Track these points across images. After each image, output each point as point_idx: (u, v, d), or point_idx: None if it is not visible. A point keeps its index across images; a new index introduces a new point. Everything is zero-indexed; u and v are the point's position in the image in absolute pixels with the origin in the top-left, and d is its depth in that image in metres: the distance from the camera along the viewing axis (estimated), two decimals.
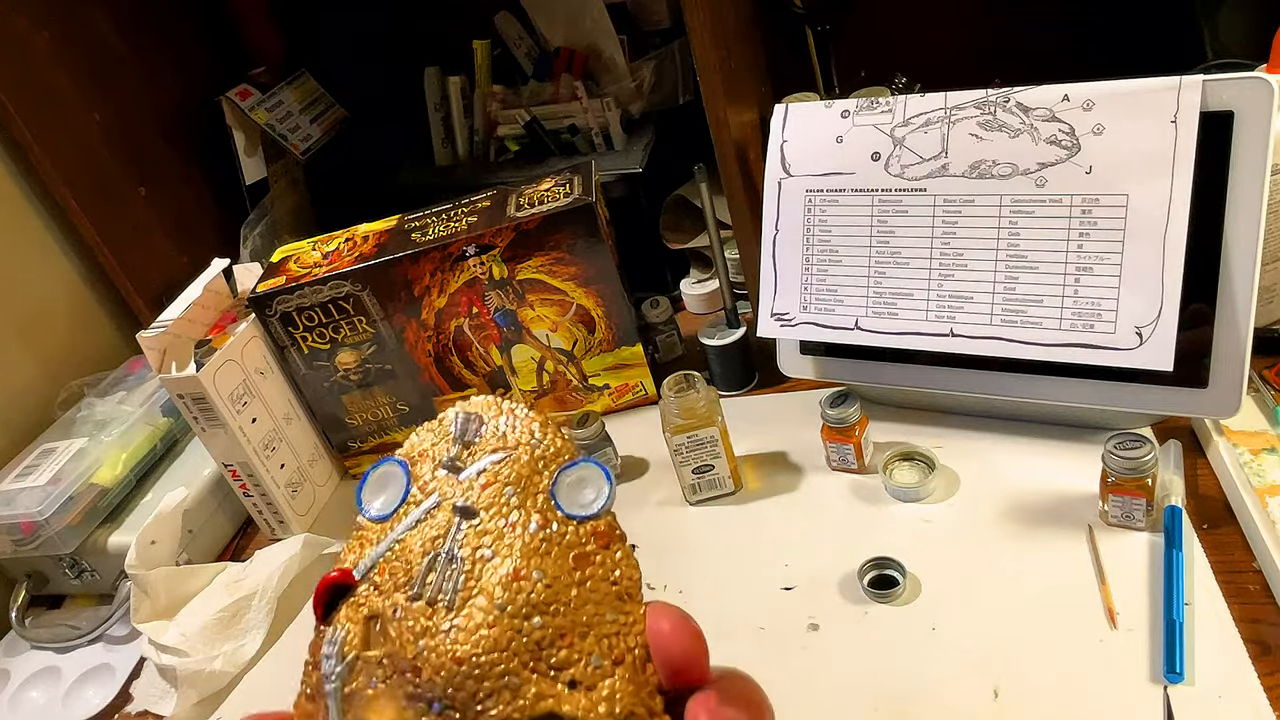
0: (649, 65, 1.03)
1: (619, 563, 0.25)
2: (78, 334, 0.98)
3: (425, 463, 0.27)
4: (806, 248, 0.72)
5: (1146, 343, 0.59)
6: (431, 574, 0.24)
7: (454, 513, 0.25)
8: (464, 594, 0.24)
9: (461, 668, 0.22)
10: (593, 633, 0.23)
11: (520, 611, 0.23)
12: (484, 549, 0.24)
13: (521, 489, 0.26)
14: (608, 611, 0.24)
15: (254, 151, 1.06)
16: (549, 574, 0.24)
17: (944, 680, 0.55)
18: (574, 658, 0.23)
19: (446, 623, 0.23)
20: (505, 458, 0.26)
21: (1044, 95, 0.61)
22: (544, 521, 0.25)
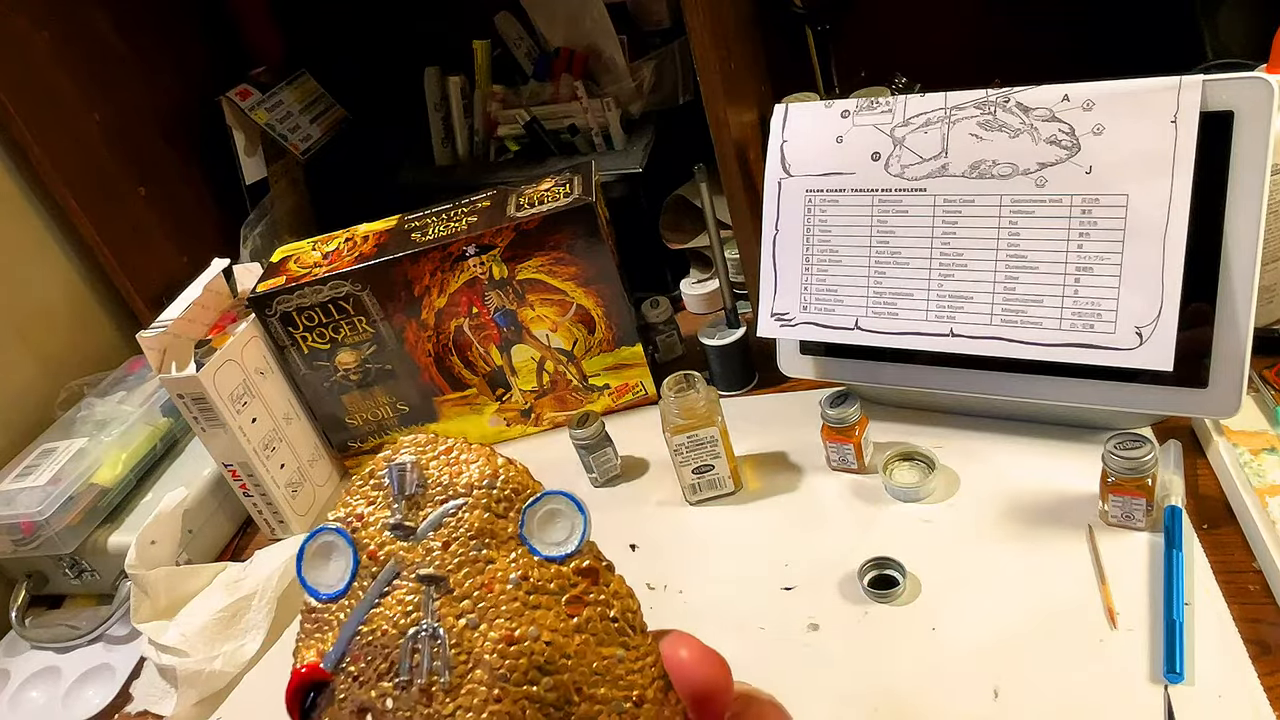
0: (649, 65, 1.03)
1: (612, 595, 0.23)
2: (78, 334, 0.98)
3: (369, 529, 0.24)
4: (806, 248, 0.72)
5: (1146, 343, 0.59)
6: (416, 654, 0.22)
7: (420, 583, 0.23)
8: (458, 670, 0.22)
9: None
10: (607, 678, 0.22)
11: (526, 678, 0.22)
12: (466, 616, 0.23)
13: (488, 540, 0.23)
14: (616, 650, 0.22)
15: (254, 151, 1.06)
16: (545, 628, 0.22)
17: (944, 680, 0.55)
18: (595, 710, 0.22)
19: (449, 707, 0.22)
20: (459, 506, 0.24)
21: (1044, 95, 0.61)
22: (523, 572, 0.23)
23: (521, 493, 0.24)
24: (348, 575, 0.24)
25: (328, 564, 0.24)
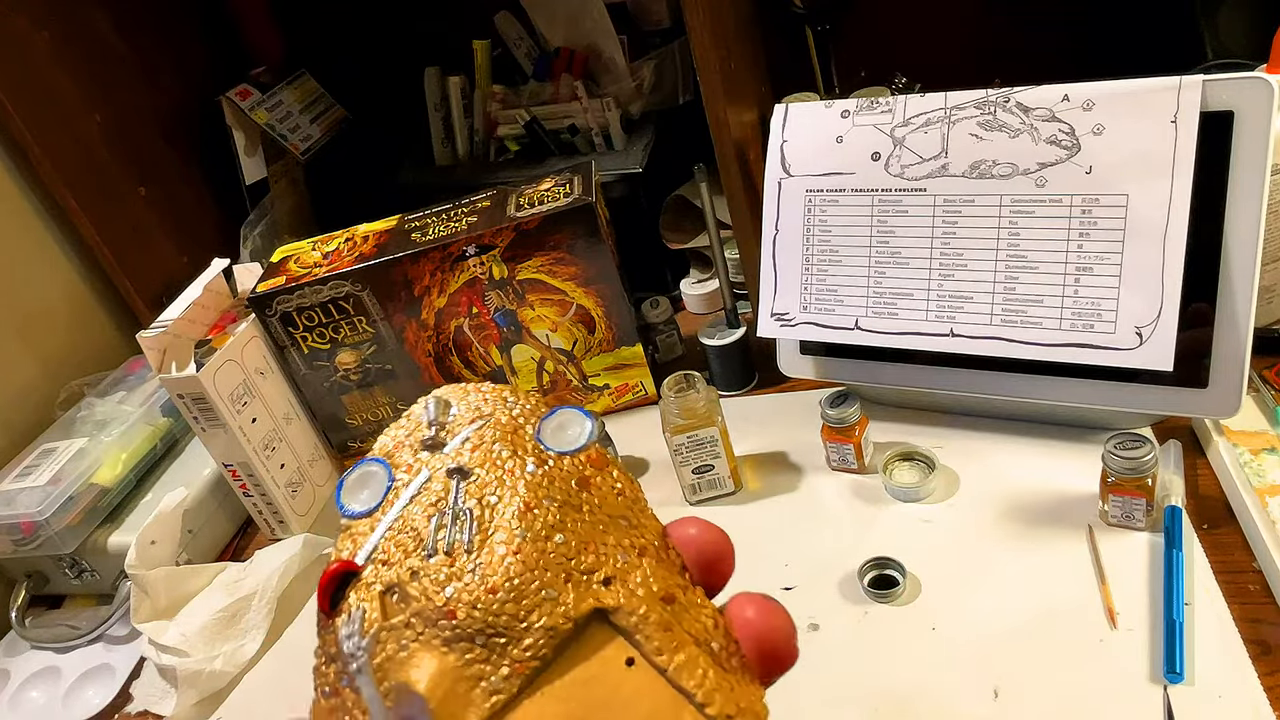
0: (649, 65, 1.03)
1: (618, 479, 0.26)
2: (78, 334, 0.98)
3: (402, 452, 0.27)
4: (806, 248, 0.72)
5: (1146, 343, 0.59)
6: (442, 530, 0.24)
7: (448, 476, 0.26)
8: (480, 537, 0.24)
9: (497, 595, 0.23)
10: (611, 536, 0.24)
11: (540, 534, 0.24)
12: (488, 496, 0.25)
13: (509, 443, 0.26)
14: (621, 518, 0.25)
15: (254, 151, 1.06)
16: (558, 499, 0.25)
17: (944, 680, 0.55)
18: (601, 560, 0.24)
19: (470, 564, 0.23)
20: (484, 423, 0.27)
21: (1044, 95, 0.61)
22: (539, 461, 0.26)
23: (538, 410, 0.27)
24: (383, 490, 0.26)
25: (364, 491, 0.27)
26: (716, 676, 0.23)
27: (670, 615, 0.23)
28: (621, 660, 0.23)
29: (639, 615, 0.23)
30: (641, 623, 0.23)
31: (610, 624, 0.23)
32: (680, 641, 0.23)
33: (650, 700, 0.22)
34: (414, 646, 0.23)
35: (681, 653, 0.23)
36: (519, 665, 0.22)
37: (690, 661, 0.22)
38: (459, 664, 0.22)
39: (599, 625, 0.23)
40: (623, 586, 0.23)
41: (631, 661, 0.23)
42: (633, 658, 0.23)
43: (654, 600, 0.23)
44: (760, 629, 0.24)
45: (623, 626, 0.23)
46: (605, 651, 0.23)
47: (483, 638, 0.22)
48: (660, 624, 0.23)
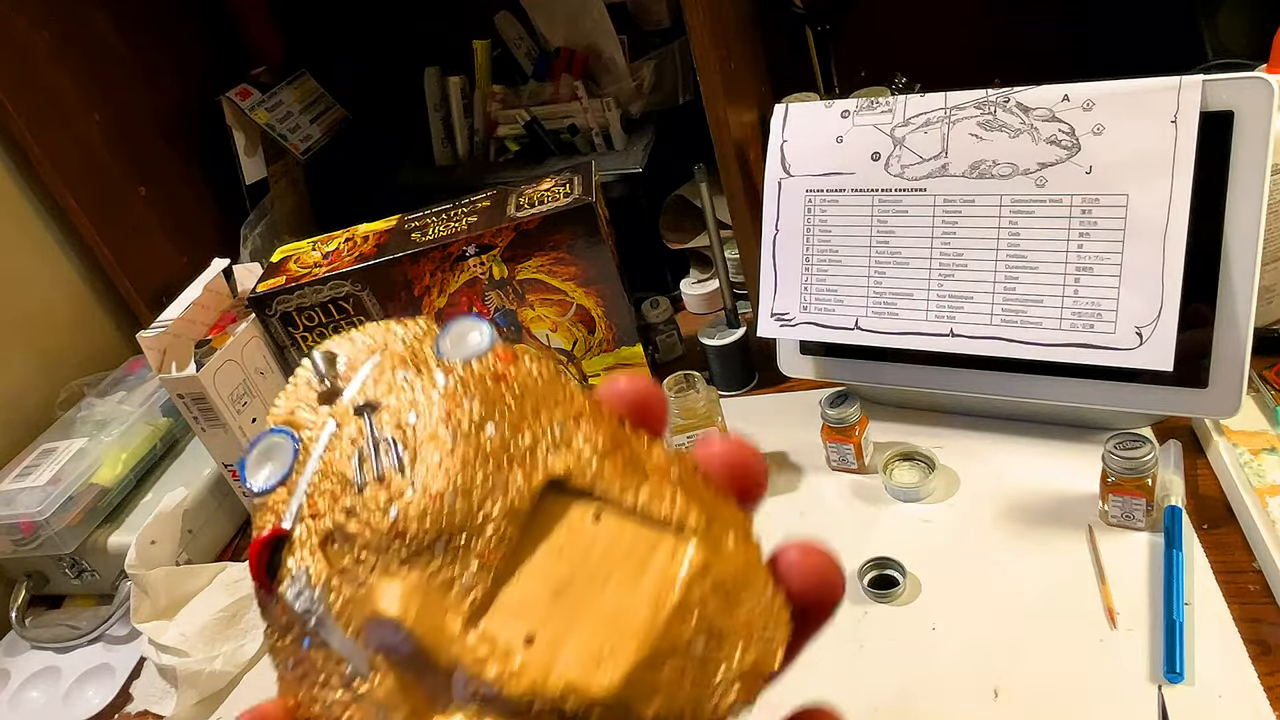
0: (649, 65, 1.03)
1: (532, 363, 0.25)
2: (78, 334, 0.98)
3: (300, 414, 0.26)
4: (806, 248, 0.72)
5: (1146, 343, 0.59)
6: (366, 464, 0.23)
7: (357, 415, 0.24)
8: (409, 455, 0.23)
9: (444, 498, 0.22)
10: (542, 413, 0.24)
11: (469, 432, 0.23)
12: (405, 419, 0.24)
13: (410, 366, 0.25)
14: (542, 395, 0.24)
15: (254, 151, 1.06)
16: (478, 396, 0.24)
17: (944, 680, 0.55)
18: (538, 435, 0.23)
19: (406, 482, 0.22)
20: (379, 357, 0.26)
21: (1044, 95, 0.61)
22: (447, 372, 0.25)
23: (431, 329, 0.26)
24: (290, 455, 0.25)
25: (269, 464, 0.25)
26: (685, 497, 0.22)
27: (623, 460, 0.23)
28: (588, 518, 0.22)
29: (592, 470, 0.22)
30: (597, 476, 0.22)
31: (567, 490, 0.22)
32: (639, 480, 0.22)
33: (627, 541, 0.22)
34: (371, 580, 0.22)
35: (644, 488, 0.22)
36: (487, 556, 0.22)
37: (655, 492, 0.22)
38: (424, 577, 0.21)
39: (556, 495, 0.22)
40: (567, 451, 0.23)
41: (599, 516, 0.22)
42: (598, 512, 0.22)
43: (601, 452, 0.23)
44: (723, 452, 0.24)
45: (579, 487, 0.22)
46: (570, 516, 0.22)
47: (441, 545, 0.22)
48: (615, 471, 0.22)
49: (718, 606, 0.21)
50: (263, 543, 0.23)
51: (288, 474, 0.25)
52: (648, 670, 0.20)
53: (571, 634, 0.21)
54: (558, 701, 0.20)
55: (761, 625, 0.22)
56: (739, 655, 0.21)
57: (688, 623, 0.21)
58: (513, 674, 0.20)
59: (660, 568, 0.21)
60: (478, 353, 0.25)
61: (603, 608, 0.21)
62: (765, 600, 0.22)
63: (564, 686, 0.20)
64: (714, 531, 0.22)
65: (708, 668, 0.21)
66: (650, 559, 0.22)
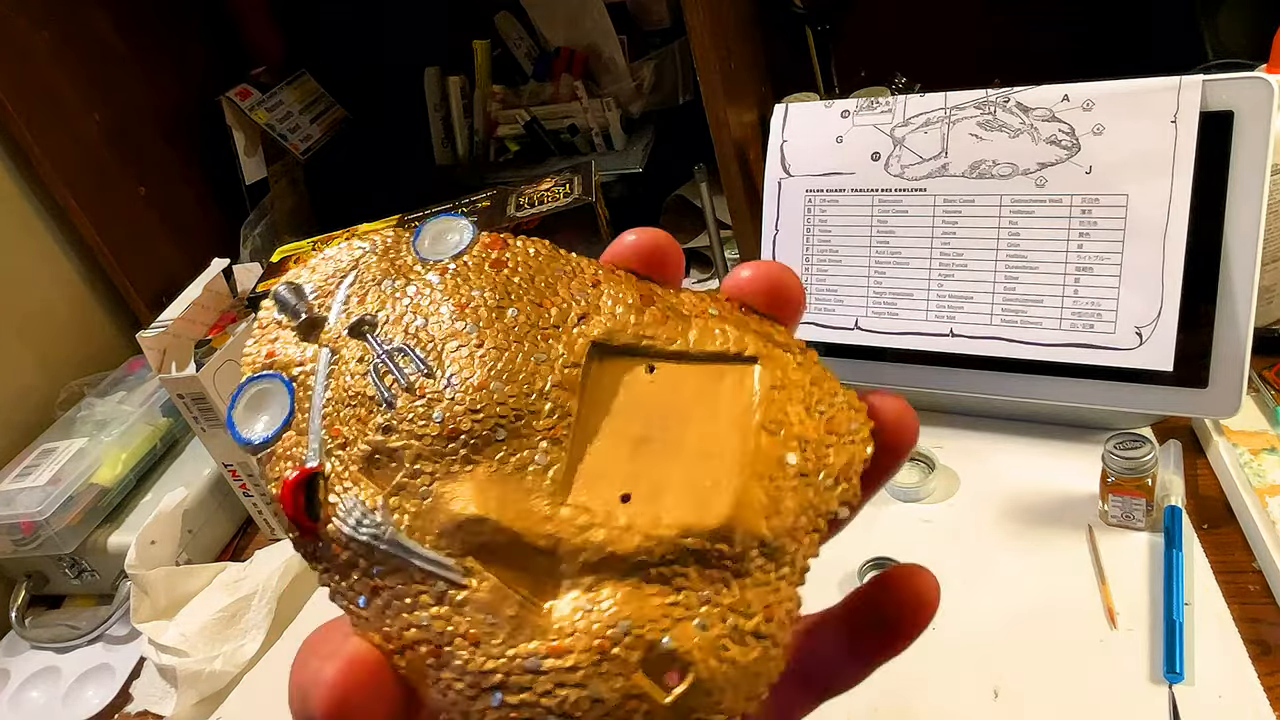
0: (649, 65, 1.03)
1: (525, 245, 0.24)
2: (78, 334, 0.98)
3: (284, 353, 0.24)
4: (806, 248, 0.72)
5: (1146, 343, 0.59)
6: (388, 377, 0.22)
7: (353, 336, 0.23)
8: (432, 355, 0.22)
9: (489, 387, 0.21)
10: (559, 284, 0.23)
11: (493, 318, 0.22)
12: (412, 325, 0.22)
13: (396, 274, 0.24)
14: (553, 271, 0.24)
15: (254, 151, 1.06)
16: (485, 286, 0.23)
17: (944, 680, 0.55)
18: (564, 307, 0.22)
19: (440, 383, 0.21)
20: (356, 273, 0.24)
21: (1044, 95, 0.61)
22: (440, 271, 0.24)
23: (400, 236, 0.25)
24: (287, 397, 0.23)
25: (264, 413, 0.23)
26: (734, 327, 0.22)
27: (660, 310, 0.22)
28: (642, 372, 0.22)
29: (632, 324, 0.22)
30: (638, 329, 0.22)
31: (611, 351, 0.22)
32: (682, 325, 0.22)
33: (690, 383, 0.21)
34: (435, 487, 0.21)
35: (690, 330, 0.22)
36: (554, 432, 0.21)
37: (703, 332, 0.22)
38: (493, 469, 0.21)
39: (600, 360, 0.22)
40: (599, 315, 0.22)
41: (652, 368, 0.22)
42: (651, 364, 0.22)
43: (635, 309, 0.22)
44: (755, 277, 0.23)
45: (624, 344, 0.22)
46: (623, 375, 0.22)
47: (501, 432, 0.21)
48: (655, 320, 0.22)
49: (800, 417, 0.21)
50: (294, 484, 0.22)
51: (290, 417, 0.23)
52: (754, 490, 0.20)
53: (667, 480, 0.20)
54: (676, 543, 0.19)
55: (845, 425, 0.22)
56: (833, 456, 0.21)
57: (778, 437, 0.21)
58: (621, 531, 0.19)
59: (732, 397, 0.21)
60: (463, 247, 0.24)
61: (688, 448, 0.21)
62: (841, 402, 0.22)
63: (679, 528, 0.19)
64: (773, 352, 0.22)
65: (808, 475, 0.21)
66: (719, 392, 0.21)
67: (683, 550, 0.19)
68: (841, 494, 0.21)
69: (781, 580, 0.20)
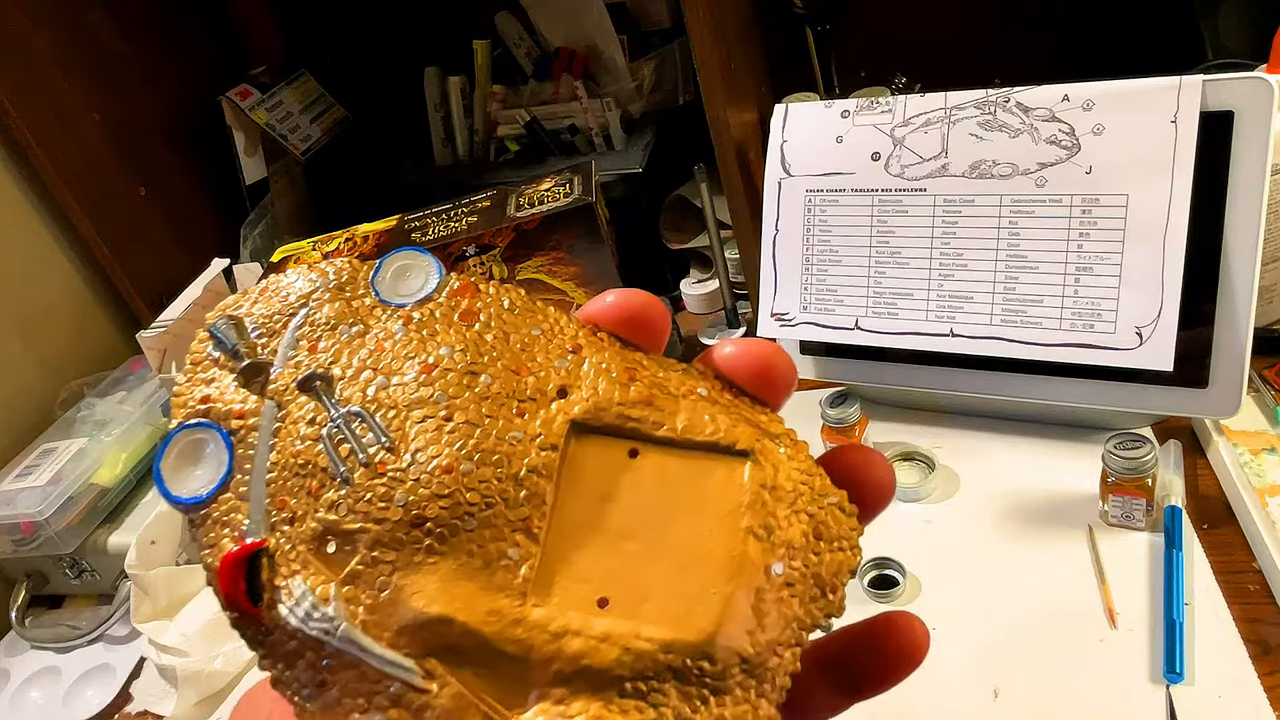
0: (649, 65, 1.03)
1: (499, 294, 0.22)
2: (78, 334, 0.98)
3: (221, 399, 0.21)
4: (806, 248, 0.72)
5: (1146, 343, 0.59)
6: (344, 446, 0.20)
7: (304, 391, 0.20)
8: (394, 425, 0.20)
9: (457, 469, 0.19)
10: (535, 349, 0.21)
11: (463, 386, 0.20)
12: (372, 382, 0.20)
13: (350, 320, 0.21)
14: (529, 329, 0.21)
15: (254, 151, 1.06)
16: (453, 343, 0.20)
17: (944, 680, 0.55)
18: (542, 376, 0.20)
19: (404, 460, 0.19)
20: (306, 312, 0.21)
21: (1044, 95, 0.61)
22: (404, 320, 0.21)
23: (359, 270, 0.22)
24: (225, 453, 0.21)
25: (196, 467, 0.21)
26: (725, 415, 0.20)
27: (646, 387, 0.20)
28: (624, 457, 0.20)
29: (615, 403, 0.20)
30: (623, 409, 0.20)
31: (592, 430, 0.20)
32: (670, 406, 0.20)
33: (676, 474, 0.20)
34: (395, 579, 0.19)
35: (679, 414, 0.20)
36: (526, 523, 0.19)
37: (692, 417, 0.20)
38: (461, 561, 0.19)
39: (581, 439, 0.20)
40: (580, 388, 0.20)
41: (634, 452, 0.20)
42: (634, 448, 0.20)
43: (620, 384, 0.20)
44: (744, 355, 0.21)
45: (606, 424, 0.20)
46: (604, 458, 0.20)
47: (471, 521, 0.19)
48: (641, 399, 0.20)
49: (789, 521, 0.20)
50: (234, 560, 0.20)
51: (227, 476, 0.21)
52: (739, 603, 0.18)
53: (648, 585, 0.19)
54: (656, 659, 0.18)
55: (835, 531, 0.20)
56: (821, 565, 0.20)
57: (765, 543, 0.19)
58: (598, 643, 0.18)
59: (720, 494, 0.20)
60: (429, 290, 0.22)
61: (671, 550, 0.19)
62: (831, 505, 0.20)
63: (660, 643, 0.18)
64: (764, 446, 0.20)
65: (794, 586, 0.19)
66: (707, 488, 0.20)
67: (662, 667, 0.18)
68: (826, 606, 0.20)
69: (761, 699, 0.19)
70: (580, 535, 0.19)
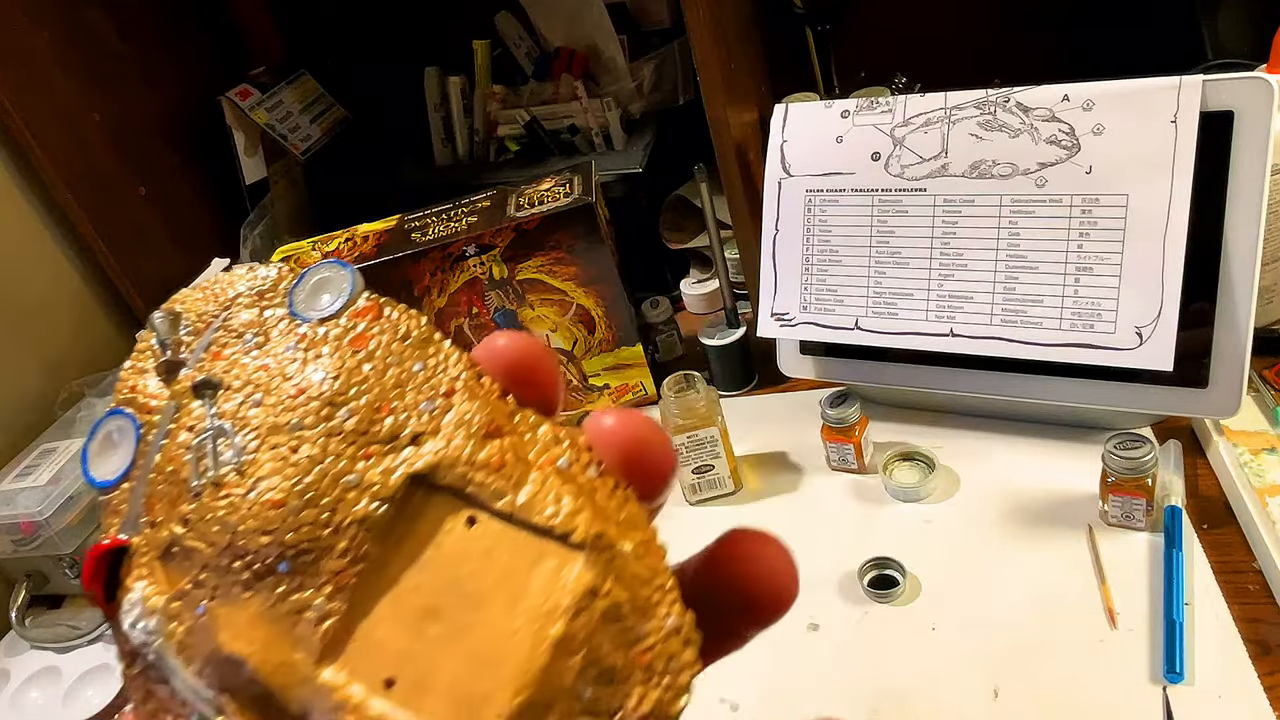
0: (649, 65, 1.03)
1: (400, 320, 0.21)
2: (78, 334, 0.98)
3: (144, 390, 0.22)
4: (806, 248, 0.72)
5: (1146, 343, 0.59)
6: (203, 461, 0.19)
7: (196, 396, 0.20)
8: (249, 448, 0.19)
9: (286, 506, 0.18)
10: (409, 387, 0.20)
11: (320, 418, 0.19)
12: (246, 401, 0.20)
13: (256, 330, 0.21)
14: (413, 364, 0.20)
15: (254, 151, 1.06)
16: (331, 371, 0.20)
17: (944, 680, 0.55)
18: (402, 418, 0.19)
19: (246, 484, 0.19)
20: (224, 318, 0.22)
21: (1044, 95, 0.61)
22: (299, 338, 0.21)
23: (283, 280, 0.22)
24: (133, 444, 0.21)
25: (114, 453, 0.21)
26: (574, 497, 0.18)
27: (501, 448, 0.19)
28: (461, 522, 0.19)
29: (463, 463, 0.19)
30: (469, 470, 0.19)
31: (436, 487, 0.19)
32: (520, 475, 0.19)
33: (505, 553, 0.18)
34: (212, 606, 0.18)
35: (525, 486, 0.18)
36: (341, 577, 0.18)
37: (537, 492, 0.18)
38: (269, 604, 0.18)
39: (424, 494, 0.19)
40: (435, 438, 0.19)
41: (473, 520, 0.18)
42: (473, 515, 0.19)
43: (476, 440, 0.19)
44: (620, 433, 0.20)
45: (449, 484, 0.19)
46: (439, 521, 0.19)
47: (286, 565, 0.18)
48: (491, 464, 0.19)
49: (611, 639, 0.18)
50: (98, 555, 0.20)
51: (129, 467, 0.21)
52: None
53: (436, 676, 0.18)
54: None
55: (664, 661, 0.18)
56: (635, 700, 0.17)
57: (574, 661, 0.17)
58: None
59: (543, 589, 0.18)
60: (336, 309, 0.21)
61: (475, 640, 0.18)
62: (669, 629, 0.18)
63: None
64: (607, 543, 0.18)
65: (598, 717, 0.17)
66: (531, 577, 0.18)
67: None
68: None
69: None
70: (390, 602, 0.18)
